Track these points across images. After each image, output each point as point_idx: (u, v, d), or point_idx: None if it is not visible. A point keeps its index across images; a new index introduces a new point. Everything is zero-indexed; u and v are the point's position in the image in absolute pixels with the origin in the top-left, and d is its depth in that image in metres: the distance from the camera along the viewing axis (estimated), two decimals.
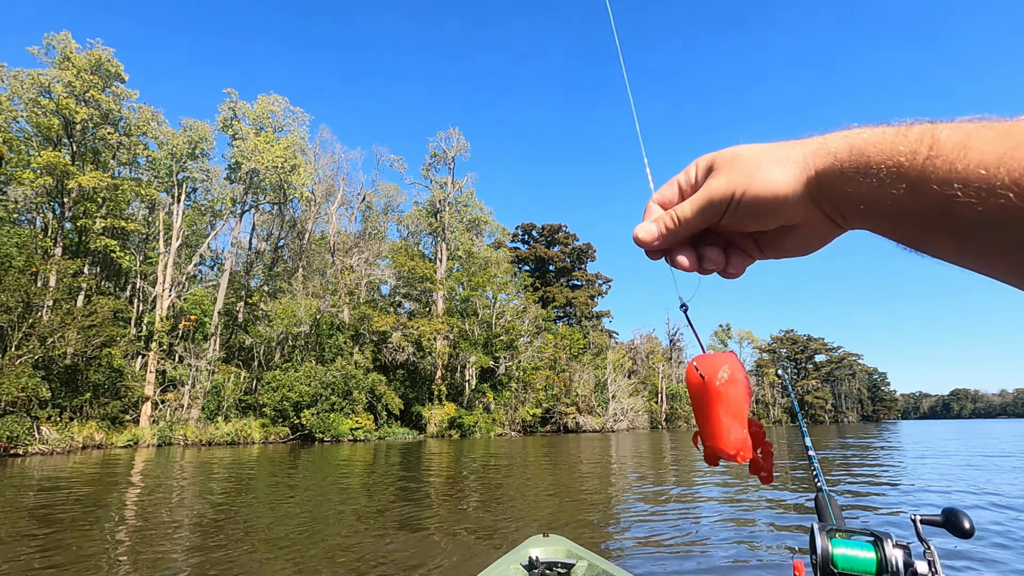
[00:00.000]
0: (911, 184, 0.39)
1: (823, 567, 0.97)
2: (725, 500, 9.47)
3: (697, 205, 0.49)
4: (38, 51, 32.57)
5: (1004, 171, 0.34)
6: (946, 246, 0.40)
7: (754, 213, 0.47)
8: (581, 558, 2.04)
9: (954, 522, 1.05)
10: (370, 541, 6.60)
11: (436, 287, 47.58)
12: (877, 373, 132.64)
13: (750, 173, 0.46)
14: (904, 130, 0.41)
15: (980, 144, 0.36)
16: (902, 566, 0.93)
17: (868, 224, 0.45)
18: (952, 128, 0.39)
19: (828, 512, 1.26)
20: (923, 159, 0.38)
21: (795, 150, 0.46)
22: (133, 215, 38.77)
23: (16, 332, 24.38)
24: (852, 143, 0.43)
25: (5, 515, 8.67)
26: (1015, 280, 0.39)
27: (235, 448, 28.17)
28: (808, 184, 0.45)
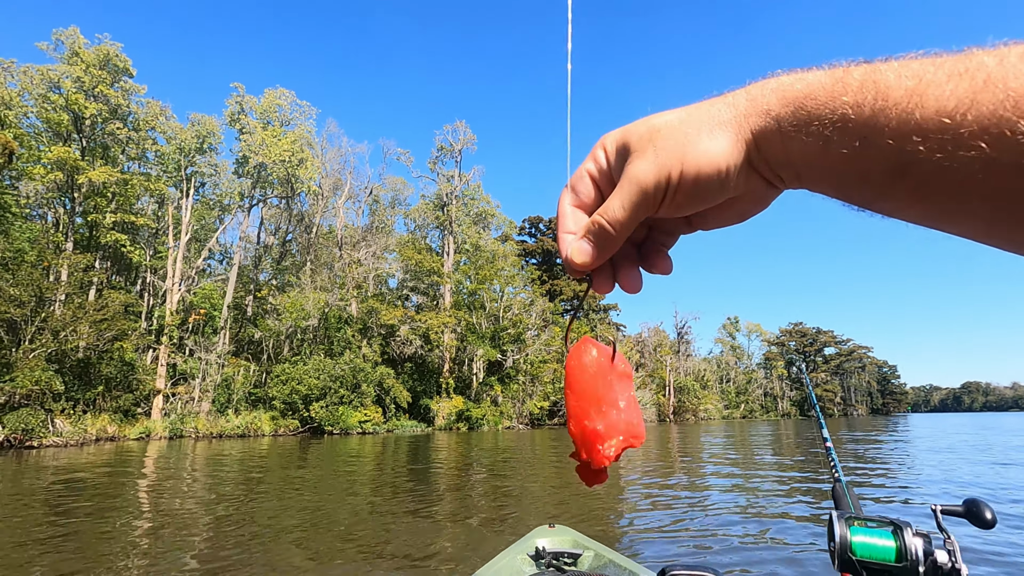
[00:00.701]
0: (862, 140, 0.33)
1: (841, 554, 0.95)
2: (735, 489, 9.44)
3: (629, 203, 0.41)
4: (47, 47, 32.75)
5: (972, 117, 0.29)
6: (908, 206, 0.35)
7: (695, 195, 0.40)
8: (588, 548, 2.05)
9: (976, 512, 1.03)
10: (379, 530, 6.63)
11: (443, 280, 47.62)
12: (887, 366, 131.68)
13: (680, 149, 0.39)
14: (842, 75, 0.35)
15: (937, 88, 0.31)
16: (922, 555, 0.91)
17: (814, 186, 0.39)
18: (898, 69, 0.33)
19: (846, 501, 1.25)
20: (871, 109, 0.33)
21: (723, 112, 0.39)
22: (143, 210, 39.02)
23: (29, 326, 24.64)
24: (786, 96, 0.37)
25: (22, 504, 8.78)
26: (993, 239, 0.34)
27: (245, 440, 28.42)
28: (747, 150, 0.39)
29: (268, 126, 41.07)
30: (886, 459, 14.93)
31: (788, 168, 0.39)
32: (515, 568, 1.90)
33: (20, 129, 31.44)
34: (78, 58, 32.45)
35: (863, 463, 13.77)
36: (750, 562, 5.19)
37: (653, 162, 0.39)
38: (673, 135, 0.39)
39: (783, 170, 0.39)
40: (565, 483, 10.80)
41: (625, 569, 1.86)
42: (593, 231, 0.43)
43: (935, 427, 39.07)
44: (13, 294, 23.74)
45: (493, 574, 1.87)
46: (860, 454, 16.51)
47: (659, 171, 0.39)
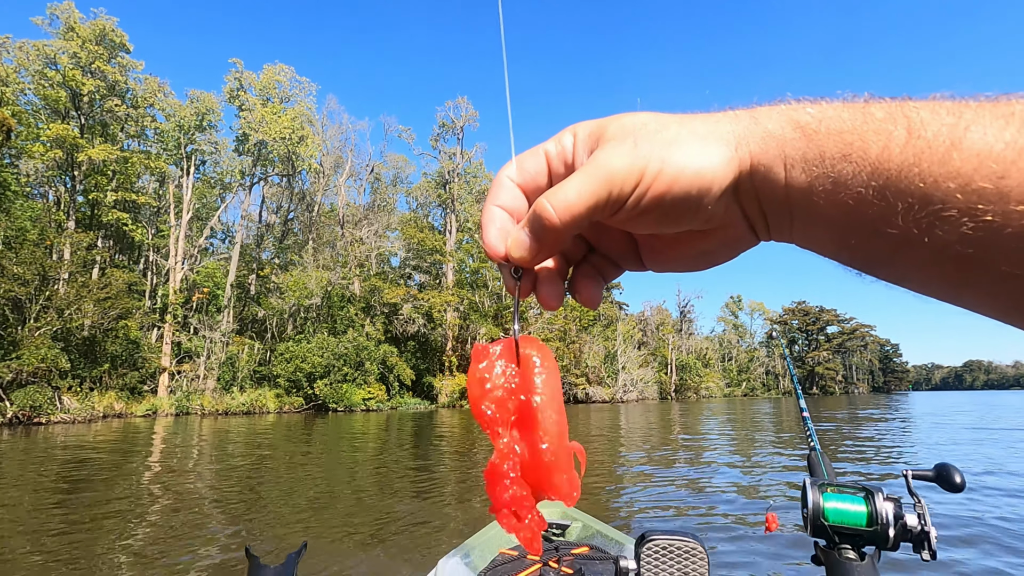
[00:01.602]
0: (884, 181, 0.28)
1: (814, 520, 0.99)
2: (725, 462, 9.54)
3: (588, 188, 0.32)
4: (42, 21, 32.29)
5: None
6: (930, 269, 0.29)
7: (665, 206, 0.33)
8: (575, 519, 2.09)
9: (945, 476, 1.06)
10: (383, 502, 6.74)
11: (446, 259, 47.58)
12: (889, 345, 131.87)
13: (665, 148, 0.32)
14: (864, 107, 0.30)
15: (981, 129, 0.26)
16: (892, 518, 0.95)
17: (809, 234, 0.33)
18: (932, 106, 0.28)
19: (820, 469, 1.29)
20: (901, 146, 0.27)
21: (721, 126, 0.33)
22: (144, 188, 38.92)
23: (34, 304, 24.77)
24: (797, 121, 0.31)
25: (32, 479, 8.92)
26: (1013, 317, 0.29)
27: (251, 417, 28.75)
28: (739, 174, 0.32)
29: (268, 103, 40.64)
30: (876, 433, 15.03)
31: (781, 208, 0.33)
32: (505, 538, 1.93)
33: (18, 106, 31.17)
34: (74, 33, 32.00)
35: (852, 437, 13.86)
36: (728, 527, 5.41)
37: (630, 152, 0.32)
38: (660, 133, 0.33)
39: (774, 209, 0.33)
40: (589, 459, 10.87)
41: (612, 539, 1.89)
42: (534, 220, 0.34)
43: (932, 404, 39.27)
44: (17, 272, 23.81)
45: (483, 543, 1.90)
46: (850, 429, 16.61)
47: (634, 162, 0.32)
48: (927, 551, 0.95)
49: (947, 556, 4.46)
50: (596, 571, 1.53)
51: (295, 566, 1.03)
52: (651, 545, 1.28)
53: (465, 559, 1.81)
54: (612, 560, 1.54)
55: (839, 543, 1.01)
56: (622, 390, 58.00)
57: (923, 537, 0.94)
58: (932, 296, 0.31)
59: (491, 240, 0.36)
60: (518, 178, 0.37)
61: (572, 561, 1.58)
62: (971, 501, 6.31)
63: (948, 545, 4.75)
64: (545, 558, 1.61)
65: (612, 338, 61.55)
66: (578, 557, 1.61)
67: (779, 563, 4.40)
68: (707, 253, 0.38)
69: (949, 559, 4.41)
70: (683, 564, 1.26)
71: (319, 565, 4.47)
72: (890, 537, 0.95)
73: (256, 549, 4.84)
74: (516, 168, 0.38)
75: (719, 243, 0.37)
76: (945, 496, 6.10)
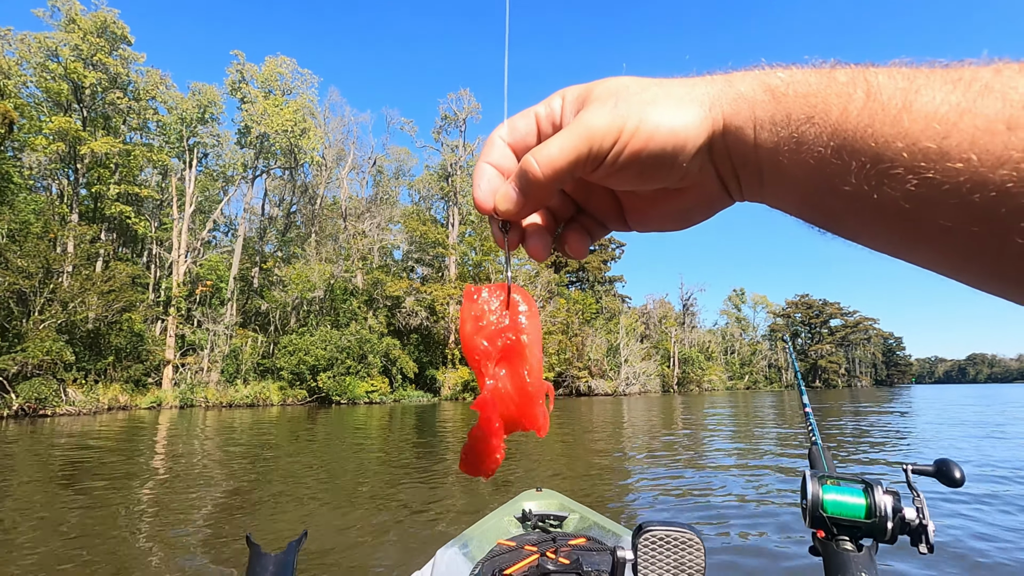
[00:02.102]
0: (841, 141, 0.30)
1: (813, 512, 1.00)
2: (724, 454, 9.54)
3: (570, 144, 0.35)
4: (43, 13, 32.21)
5: (964, 126, 0.26)
6: (876, 224, 0.31)
7: (642, 162, 0.35)
8: (573, 511, 2.10)
9: (945, 471, 1.07)
10: (385, 493, 6.78)
11: (448, 252, 47.56)
12: (893, 338, 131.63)
13: (644, 107, 0.35)
14: (828, 72, 0.32)
15: (930, 92, 0.28)
16: (891, 511, 0.96)
17: (776, 192, 0.35)
18: (889, 72, 0.30)
19: (821, 462, 1.30)
20: (858, 109, 0.30)
21: (697, 89, 0.35)
22: (146, 181, 38.92)
23: (38, 297, 24.86)
24: (767, 84, 0.33)
25: (39, 470, 8.99)
26: (959, 274, 0.31)
27: (254, 410, 28.88)
28: (712, 133, 0.35)
29: (269, 95, 40.54)
30: (878, 427, 15.01)
31: (751, 167, 0.35)
32: (502, 529, 1.93)
33: (20, 99, 31.16)
34: (75, 25, 31.92)
35: (852, 431, 13.85)
36: (727, 520, 5.45)
37: (611, 111, 0.35)
38: (640, 95, 0.35)
39: (745, 169, 0.35)
40: (568, 450, 10.93)
41: (608, 530, 1.89)
42: (520, 174, 0.37)
43: (935, 398, 39.19)
44: (21, 265, 23.89)
45: (480, 534, 1.90)
46: (851, 423, 16.60)
47: (613, 120, 0.35)
48: (924, 544, 0.95)
49: (944, 550, 4.49)
50: (593, 562, 1.52)
51: (296, 554, 1.03)
52: (648, 536, 1.28)
53: (463, 549, 1.81)
54: (609, 551, 1.54)
55: (837, 534, 1.01)
56: (624, 383, 58.04)
57: (921, 530, 0.95)
58: (881, 251, 0.33)
59: (481, 194, 0.39)
60: (509, 138, 0.40)
61: (569, 552, 1.58)
62: (971, 496, 6.33)
63: (945, 539, 4.77)
64: (542, 549, 1.61)
65: (615, 331, 61.55)
66: (575, 548, 1.60)
67: (777, 554, 4.42)
68: (684, 211, 0.40)
69: (946, 552, 4.43)
70: (679, 554, 1.26)
71: (320, 553, 4.50)
72: (888, 529, 0.96)
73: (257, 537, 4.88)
74: (508, 128, 0.40)
75: (695, 201, 0.39)
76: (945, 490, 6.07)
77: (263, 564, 0.98)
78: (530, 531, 1.92)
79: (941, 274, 0.32)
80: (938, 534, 1.17)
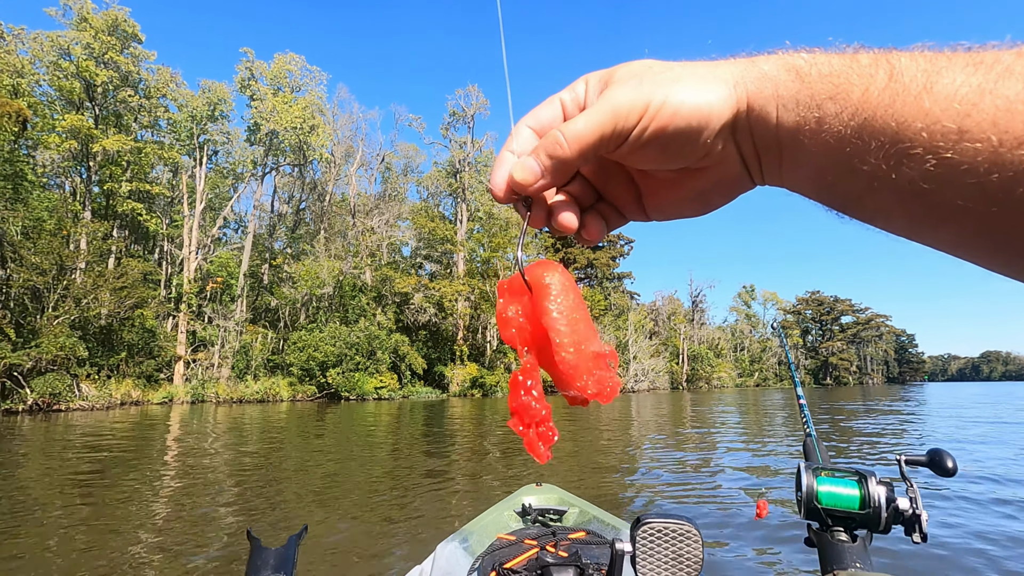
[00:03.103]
0: (862, 120, 0.30)
1: (807, 503, 1.02)
2: (735, 451, 9.49)
3: (595, 121, 0.36)
4: (56, 12, 32.51)
5: (987, 108, 0.26)
6: (893, 205, 0.32)
7: (666, 139, 0.35)
8: (573, 505, 2.10)
9: (938, 461, 1.09)
10: (390, 487, 6.81)
11: (457, 249, 47.61)
12: (905, 335, 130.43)
13: (668, 85, 0.35)
14: (851, 54, 0.33)
15: (951, 74, 0.28)
16: (884, 502, 0.97)
17: (795, 174, 0.36)
18: (911, 55, 0.31)
19: (815, 453, 1.32)
20: (880, 89, 0.30)
21: (722, 69, 0.36)
22: (157, 178, 39.24)
23: (52, 294, 25.18)
24: (790, 64, 0.34)
25: (54, 464, 9.11)
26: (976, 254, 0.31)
27: (264, 405, 29.11)
28: (736, 111, 0.35)
29: (279, 92, 40.71)
30: (885, 425, 14.88)
31: (772, 146, 0.35)
32: (502, 523, 1.94)
33: (34, 97, 31.51)
34: (87, 24, 32.21)
35: (859, 431, 13.73)
36: (725, 512, 5.52)
37: (635, 88, 0.36)
38: (664, 74, 0.36)
39: (766, 148, 0.36)
40: (576, 447, 10.92)
41: (608, 524, 1.89)
42: (544, 146, 0.38)
43: (948, 395, 38.78)
44: (35, 262, 24.20)
45: (480, 528, 1.90)
46: (859, 422, 16.45)
47: (638, 97, 0.35)
48: (918, 534, 0.97)
49: (937, 539, 4.57)
50: (592, 555, 1.52)
51: (296, 548, 1.04)
52: (646, 528, 1.29)
53: (463, 543, 1.82)
54: (608, 544, 1.54)
55: (832, 525, 1.03)
56: (633, 380, 57.94)
57: (914, 520, 0.97)
58: (897, 233, 0.33)
59: (498, 180, 0.39)
60: (535, 125, 0.40)
61: (568, 545, 1.58)
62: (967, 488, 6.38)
63: (939, 528, 4.86)
64: (542, 543, 1.61)
65: (623, 328, 61.41)
66: (575, 542, 1.61)
67: (773, 545, 4.46)
68: (704, 194, 0.40)
69: (939, 542, 4.50)
70: (677, 546, 1.27)
71: (321, 547, 4.53)
72: (882, 520, 0.97)
73: (260, 531, 4.93)
74: (532, 117, 0.40)
75: (715, 182, 0.39)
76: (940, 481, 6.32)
77: (263, 558, 0.98)
78: (530, 525, 1.92)
79: (957, 256, 0.32)
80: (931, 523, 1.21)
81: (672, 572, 1.18)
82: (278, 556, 1.00)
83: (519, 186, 0.38)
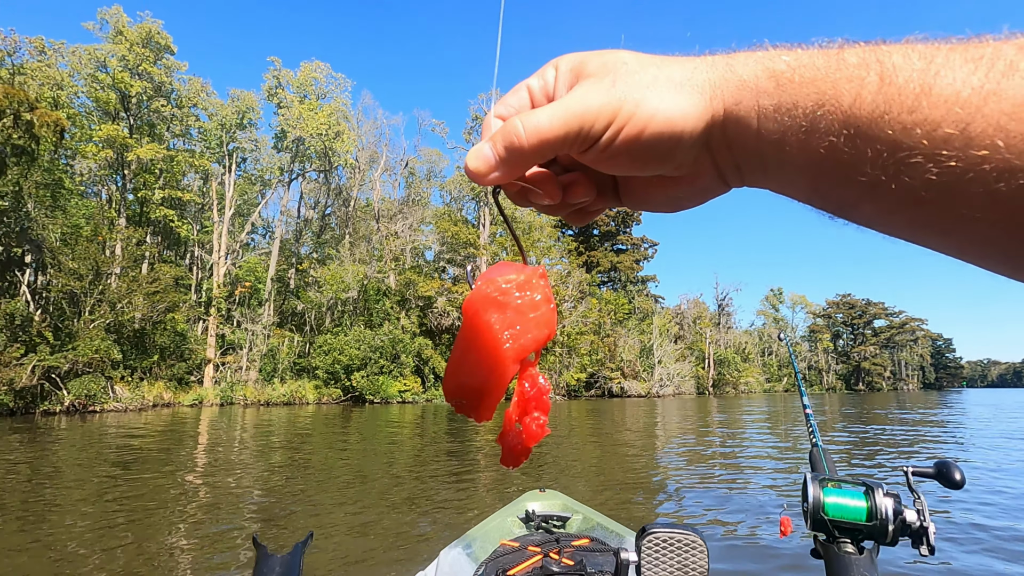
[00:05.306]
0: (855, 129, 0.27)
1: (813, 515, 1.01)
2: (737, 457, 9.29)
3: (560, 117, 0.33)
4: (93, 26, 33.75)
5: (990, 110, 0.24)
6: (892, 214, 0.29)
7: (635, 150, 0.33)
8: (576, 512, 2.10)
9: (945, 473, 1.07)
10: (417, 485, 6.85)
11: (480, 252, 47.78)
12: (942, 339, 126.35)
13: (640, 91, 0.32)
14: (837, 53, 0.30)
15: (950, 73, 0.26)
16: (891, 514, 0.96)
17: (782, 181, 0.33)
18: (904, 50, 0.28)
19: (822, 464, 1.32)
20: (872, 94, 0.27)
21: (697, 73, 0.33)
22: (188, 186, 40.32)
23: (88, 298, 26.02)
24: (771, 69, 0.31)
25: (90, 462, 9.40)
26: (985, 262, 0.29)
27: (291, 408, 29.59)
28: (711, 124, 0.32)
29: (305, 100, 41.51)
30: (911, 434, 14.39)
31: (754, 157, 0.33)
32: (505, 530, 1.92)
33: (72, 109, 32.68)
34: (122, 36, 33.35)
35: (891, 438, 13.29)
36: (730, 522, 5.46)
37: (608, 90, 0.33)
38: (638, 75, 0.33)
39: (747, 159, 0.33)
40: (600, 452, 10.82)
41: (612, 532, 1.86)
42: (502, 135, 0.34)
43: (988, 403, 37.39)
44: (72, 267, 25.06)
45: (483, 534, 1.89)
46: (889, 429, 15.94)
47: (609, 101, 0.32)
48: (925, 546, 0.95)
49: (945, 552, 4.52)
50: (597, 563, 1.49)
51: (302, 555, 1.03)
52: (652, 538, 1.27)
53: (467, 550, 1.80)
54: (612, 552, 1.51)
55: (838, 537, 1.01)
56: (658, 384, 57.27)
57: (922, 532, 0.95)
58: (896, 237, 0.31)
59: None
60: (503, 113, 0.38)
61: (573, 553, 1.55)
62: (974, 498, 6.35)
63: (947, 542, 4.79)
64: (546, 549, 1.58)
65: (648, 332, 60.80)
66: (579, 549, 1.57)
67: (778, 557, 4.42)
68: (676, 199, 0.38)
69: (947, 555, 4.45)
70: (683, 557, 1.24)
71: (328, 553, 4.55)
72: (889, 532, 0.95)
73: (271, 537, 4.99)
74: (501, 106, 0.38)
75: (688, 190, 0.37)
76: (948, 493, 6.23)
77: (269, 565, 0.98)
78: (533, 532, 1.90)
79: (965, 261, 0.30)
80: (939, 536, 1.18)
81: None
82: (284, 563, 1.00)
83: (472, 175, 0.35)
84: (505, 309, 0.39)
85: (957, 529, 5.18)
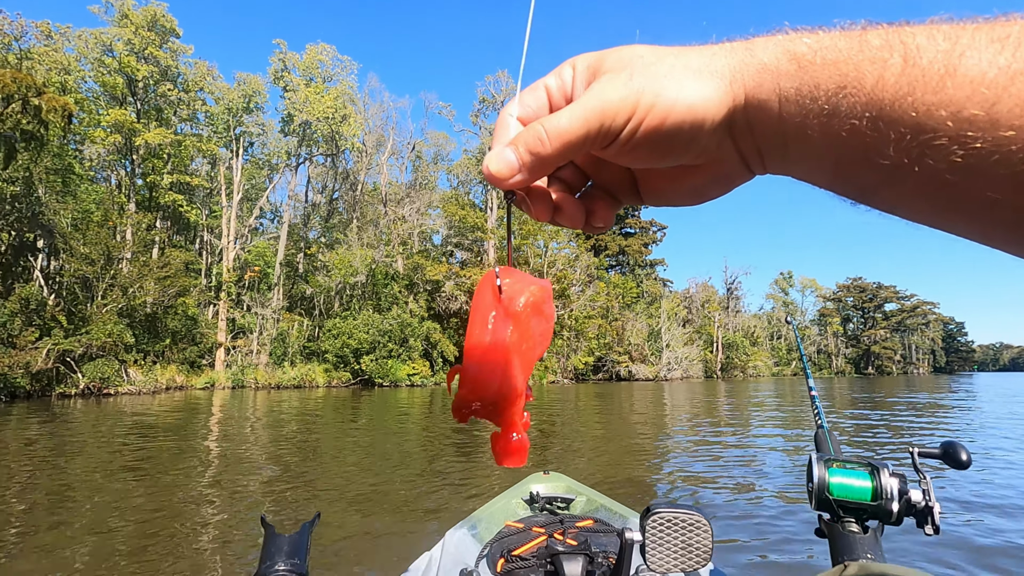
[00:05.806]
0: (878, 111, 0.27)
1: (819, 494, 1.02)
2: (742, 440, 9.30)
3: (581, 117, 0.33)
4: (99, 10, 33.64)
5: (1018, 92, 0.23)
6: (916, 197, 0.29)
7: (658, 141, 0.33)
8: (580, 494, 2.12)
9: (952, 454, 1.08)
10: (424, 466, 6.93)
11: (487, 236, 47.70)
12: (954, 323, 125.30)
13: (661, 81, 0.32)
14: (860, 35, 0.29)
15: (976, 54, 0.25)
16: (896, 493, 0.97)
17: (804, 166, 0.33)
18: (928, 31, 0.27)
19: (827, 445, 1.33)
20: (896, 76, 0.27)
21: (716, 59, 0.32)
22: (197, 171, 40.42)
23: (100, 283, 26.31)
24: (792, 52, 0.30)
25: (106, 444, 9.58)
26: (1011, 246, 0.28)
27: (301, 391, 29.93)
28: (732, 109, 0.32)
29: (311, 83, 41.29)
30: (919, 419, 14.33)
31: (776, 141, 0.32)
32: (510, 511, 1.94)
33: (80, 93, 32.73)
34: (127, 20, 33.24)
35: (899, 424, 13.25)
36: (735, 502, 5.51)
37: (625, 84, 0.32)
38: (655, 66, 0.33)
39: (769, 143, 0.33)
40: (606, 434, 10.88)
41: (616, 513, 1.87)
42: (524, 140, 0.34)
43: (1001, 387, 37.15)
44: (84, 252, 25.32)
45: (489, 515, 1.91)
46: (898, 414, 15.88)
47: (628, 95, 0.32)
48: (930, 526, 0.96)
49: (950, 532, 4.52)
50: (601, 543, 1.50)
51: (309, 534, 1.05)
52: (656, 518, 1.27)
53: (472, 531, 1.82)
54: (616, 532, 1.52)
55: (843, 517, 1.02)
56: (666, 368, 57.33)
57: (927, 512, 0.96)
58: (919, 222, 0.31)
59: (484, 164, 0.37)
60: (521, 113, 0.37)
61: (577, 533, 1.56)
62: None
63: (952, 521, 4.78)
64: (550, 531, 1.59)
65: (656, 315, 60.71)
66: (583, 530, 1.58)
67: (783, 536, 4.44)
68: (699, 188, 0.38)
69: (952, 535, 4.46)
70: (687, 536, 1.25)
71: (335, 534, 4.61)
72: (894, 512, 0.96)
73: (281, 517, 5.08)
74: (519, 105, 0.37)
75: (712, 178, 0.37)
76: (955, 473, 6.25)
77: (277, 544, 0.99)
78: (538, 513, 1.92)
79: (988, 245, 0.29)
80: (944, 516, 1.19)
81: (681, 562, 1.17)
82: (291, 542, 1.01)
83: (494, 179, 0.35)
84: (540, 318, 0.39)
85: (963, 509, 5.17)
